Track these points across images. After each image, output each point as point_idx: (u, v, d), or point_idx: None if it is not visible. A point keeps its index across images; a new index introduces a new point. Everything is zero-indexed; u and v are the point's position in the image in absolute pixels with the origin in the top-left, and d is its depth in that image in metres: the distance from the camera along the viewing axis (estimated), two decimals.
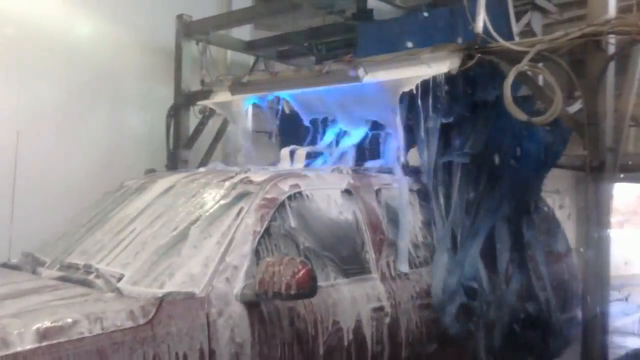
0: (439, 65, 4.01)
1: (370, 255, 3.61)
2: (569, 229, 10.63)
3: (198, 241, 3.08)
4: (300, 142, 4.86)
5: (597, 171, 3.65)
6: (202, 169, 4.36)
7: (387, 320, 3.50)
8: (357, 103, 4.49)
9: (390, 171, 4.18)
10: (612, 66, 3.70)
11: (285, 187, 3.39)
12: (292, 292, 2.74)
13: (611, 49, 3.66)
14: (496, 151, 4.24)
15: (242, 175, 3.56)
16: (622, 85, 4.00)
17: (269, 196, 3.28)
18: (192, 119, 6.19)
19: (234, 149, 6.46)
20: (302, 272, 2.75)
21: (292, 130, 5.11)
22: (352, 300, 3.34)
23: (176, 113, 6.17)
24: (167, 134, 6.16)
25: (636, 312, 8.74)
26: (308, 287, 2.78)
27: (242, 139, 5.42)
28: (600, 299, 3.73)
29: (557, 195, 10.83)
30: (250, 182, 3.42)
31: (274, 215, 3.23)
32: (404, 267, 3.80)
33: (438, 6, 4.95)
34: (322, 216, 3.49)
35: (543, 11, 4.93)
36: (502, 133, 4.20)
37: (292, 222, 3.30)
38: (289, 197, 3.36)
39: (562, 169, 4.64)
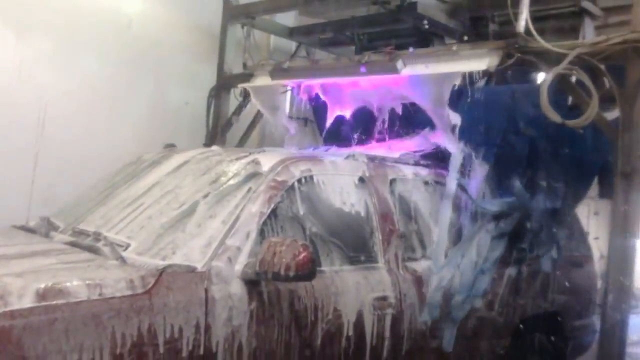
0: (477, 62, 4.05)
1: (379, 245, 3.57)
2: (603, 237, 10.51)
3: (204, 218, 3.08)
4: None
5: (628, 178, 3.65)
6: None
7: (391, 310, 3.46)
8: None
9: (409, 162, 4.16)
10: None
11: (296, 170, 3.37)
12: (291, 273, 2.73)
13: None
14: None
15: (255, 156, 3.55)
16: None
17: (279, 178, 3.27)
18: (233, 101, 6.33)
19: (270, 133, 6.61)
20: (302, 255, 2.74)
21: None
22: (355, 288, 3.31)
23: (217, 94, 6.31)
24: (207, 113, 6.31)
25: None
26: (307, 270, 2.77)
27: (283, 123, 5.52)
28: (621, 308, 3.71)
29: (593, 202, 10.69)
30: (262, 163, 3.40)
31: (283, 197, 3.22)
32: (438, 264, 3.81)
33: (479, 4, 4.93)
34: (331, 202, 3.47)
35: (589, 14, 4.89)
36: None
37: (301, 206, 3.30)
38: (299, 181, 3.35)
39: None
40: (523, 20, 3.95)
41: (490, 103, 4.23)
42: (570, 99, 4.12)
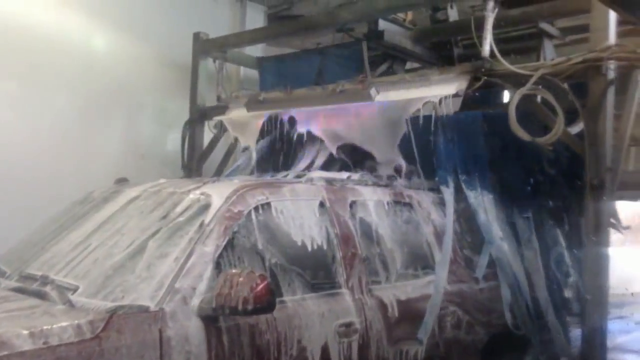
0: (447, 87, 4.22)
1: (341, 270, 3.47)
2: None
3: (156, 254, 2.95)
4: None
5: (596, 190, 3.82)
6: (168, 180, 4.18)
7: (357, 337, 3.36)
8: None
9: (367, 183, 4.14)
10: (611, 90, 3.89)
11: (252, 199, 3.28)
12: (250, 307, 2.64)
13: (611, 74, 3.86)
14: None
15: (209, 186, 3.44)
16: (621, 106, 4.19)
17: (233, 208, 3.16)
18: (207, 134, 6.41)
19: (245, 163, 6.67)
20: (260, 286, 2.64)
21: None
22: (319, 316, 3.21)
23: (191, 127, 6.39)
24: (182, 147, 6.38)
25: (636, 330, 8.84)
26: (266, 302, 2.68)
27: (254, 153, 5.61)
28: (599, 315, 3.85)
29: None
30: (215, 193, 3.28)
31: (239, 227, 3.12)
32: (442, 284, 3.86)
33: (443, 30, 5.16)
34: (291, 229, 3.36)
35: (547, 35, 5.14)
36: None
37: (259, 235, 3.19)
38: (256, 209, 3.25)
39: None
40: (488, 44, 4.14)
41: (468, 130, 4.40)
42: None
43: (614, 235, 4.12)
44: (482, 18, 4.23)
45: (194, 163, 6.36)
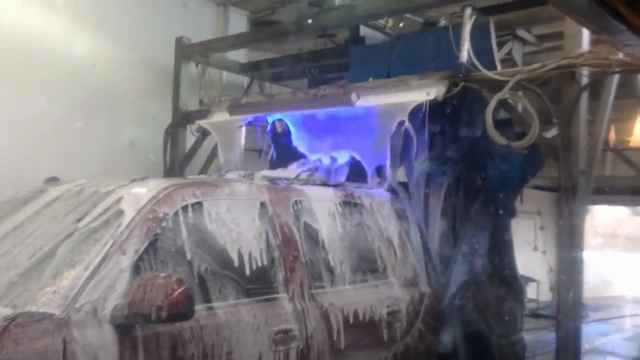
0: (426, 92, 4.29)
1: (281, 274, 3.30)
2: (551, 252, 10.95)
3: (66, 260, 2.73)
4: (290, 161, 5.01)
5: (570, 193, 3.90)
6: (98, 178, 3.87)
7: (295, 344, 3.20)
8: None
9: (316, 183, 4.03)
10: (585, 95, 3.98)
11: (180, 198, 3.06)
12: (164, 314, 2.46)
13: (584, 80, 3.95)
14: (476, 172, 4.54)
15: (134, 184, 3.21)
16: (595, 111, 4.30)
17: (158, 209, 2.94)
18: (189, 137, 6.43)
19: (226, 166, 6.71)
20: (176, 292, 2.46)
21: (284, 149, 5.36)
22: (253, 323, 3.03)
23: (174, 131, 6.41)
24: (164, 151, 6.40)
25: (614, 333, 9.00)
26: (182, 309, 2.49)
27: (235, 156, 5.64)
28: (573, 319, 3.90)
29: (539, 217, 11.16)
30: (139, 192, 3.07)
31: (163, 229, 2.91)
32: (423, 287, 3.89)
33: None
34: (225, 231, 3.17)
35: (523, 41, 5.25)
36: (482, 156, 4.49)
37: (187, 238, 2.98)
38: (184, 209, 3.04)
39: (541, 191, 4.91)
40: (465, 51, 4.24)
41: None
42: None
43: (593, 240, 4.21)
44: (460, 25, 4.33)
45: (176, 167, 6.37)
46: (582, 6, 2.06)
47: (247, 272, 3.17)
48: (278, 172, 4.14)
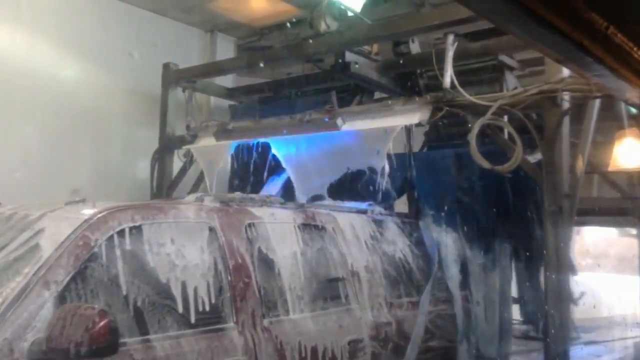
0: (411, 116, 4.34)
1: (229, 303, 3.09)
2: None
3: None
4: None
5: (555, 215, 3.94)
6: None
7: None
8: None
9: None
10: (566, 119, 4.05)
11: (116, 222, 2.86)
12: (84, 349, 2.26)
13: (566, 105, 4.02)
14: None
15: (67, 209, 3.03)
16: (578, 135, 4.35)
17: (89, 234, 2.74)
18: (176, 163, 6.42)
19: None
20: (99, 325, 2.28)
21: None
22: (196, 357, 2.82)
23: (160, 156, 6.40)
24: (151, 176, 6.38)
25: (605, 354, 8.97)
26: (105, 343, 2.31)
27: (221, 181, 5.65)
28: (562, 340, 3.92)
29: None
30: (69, 217, 2.87)
31: (95, 256, 2.71)
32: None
33: (406, 63, 5.30)
34: (167, 257, 2.95)
35: (507, 67, 5.31)
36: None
37: (122, 265, 2.77)
38: (120, 234, 2.83)
39: None
40: (448, 76, 4.29)
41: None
42: None
43: (584, 261, 4.24)
44: (444, 51, 4.38)
45: (163, 192, 6.35)
46: (549, 39, 2.05)
47: (191, 302, 2.96)
48: (230, 195, 3.87)
